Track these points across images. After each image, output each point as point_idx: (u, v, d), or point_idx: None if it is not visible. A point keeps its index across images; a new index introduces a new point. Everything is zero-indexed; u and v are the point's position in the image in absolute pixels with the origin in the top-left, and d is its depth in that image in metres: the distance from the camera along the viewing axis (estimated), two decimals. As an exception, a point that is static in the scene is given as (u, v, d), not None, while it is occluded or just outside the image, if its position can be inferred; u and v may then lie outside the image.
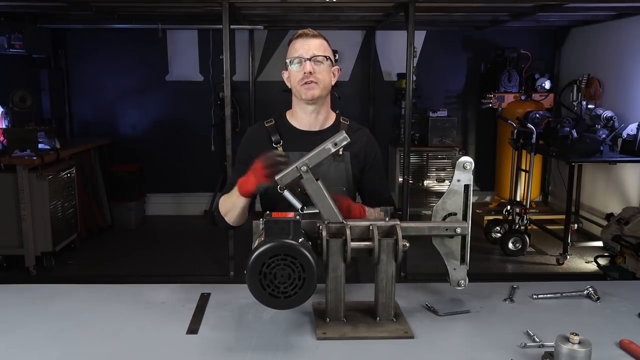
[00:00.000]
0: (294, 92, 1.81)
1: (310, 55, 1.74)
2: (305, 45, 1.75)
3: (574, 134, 4.44)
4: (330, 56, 1.79)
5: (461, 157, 1.46)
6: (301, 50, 1.75)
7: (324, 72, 1.77)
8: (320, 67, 1.75)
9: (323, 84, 1.77)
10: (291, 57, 1.77)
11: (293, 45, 1.78)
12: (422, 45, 6.10)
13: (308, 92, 1.75)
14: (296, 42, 1.77)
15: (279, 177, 1.45)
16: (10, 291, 1.69)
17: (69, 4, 4.45)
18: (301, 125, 1.84)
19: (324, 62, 1.76)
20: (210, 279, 4.13)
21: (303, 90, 1.76)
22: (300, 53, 1.75)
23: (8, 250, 4.36)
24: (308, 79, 1.74)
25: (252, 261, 1.26)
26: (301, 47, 1.75)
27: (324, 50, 1.77)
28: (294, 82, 1.77)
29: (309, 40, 1.76)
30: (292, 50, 1.78)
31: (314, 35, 1.78)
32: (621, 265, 3.90)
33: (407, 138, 4.21)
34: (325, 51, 1.77)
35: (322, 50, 1.76)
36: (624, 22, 5.03)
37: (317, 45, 1.76)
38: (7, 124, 4.59)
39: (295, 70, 1.76)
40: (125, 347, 1.32)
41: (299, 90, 1.77)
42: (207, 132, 6.11)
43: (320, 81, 1.75)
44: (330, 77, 1.80)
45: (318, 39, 1.78)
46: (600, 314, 1.52)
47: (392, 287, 1.43)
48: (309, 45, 1.75)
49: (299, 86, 1.76)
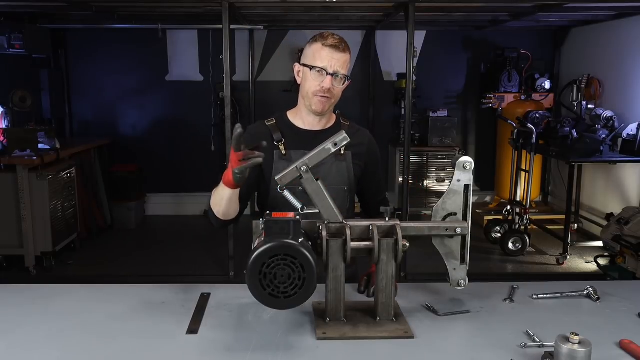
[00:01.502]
0: (303, 94, 1.79)
1: (334, 71, 1.71)
2: (332, 59, 1.71)
3: (574, 134, 4.44)
4: (349, 75, 1.77)
5: (461, 157, 1.47)
6: (327, 62, 1.71)
7: (340, 90, 1.76)
8: (338, 84, 1.75)
9: (335, 99, 1.78)
10: (314, 65, 1.72)
11: (320, 50, 1.72)
12: (422, 45, 6.11)
13: (319, 105, 1.75)
14: (324, 50, 1.72)
15: (279, 177, 1.45)
16: (10, 291, 1.69)
17: (69, 4, 4.45)
18: (304, 125, 1.84)
19: (342, 81, 1.74)
20: (210, 279, 4.12)
21: (315, 102, 1.75)
22: (325, 64, 1.71)
23: (8, 250, 4.35)
24: (324, 94, 1.73)
25: (252, 261, 1.26)
26: (328, 59, 1.71)
27: (347, 69, 1.75)
28: (308, 88, 1.75)
29: (338, 54, 1.72)
30: (317, 55, 1.73)
31: (343, 49, 1.73)
32: (621, 265, 3.90)
33: (407, 138, 4.21)
34: (348, 68, 1.75)
35: (345, 68, 1.74)
36: (624, 22, 5.03)
37: (343, 62, 1.73)
38: (7, 124, 4.59)
39: (314, 79, 1.73)
40: (125, 347, 1.32)
41: (311, 99, 1.76)
42: (207, 132, 6.11)
43: (334, 97, 1.76)
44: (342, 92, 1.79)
45: (346, 54, 1.74)
46: (600, 314, 1.52)
47: (392, 287, 1.43)
48: (336, 60, 1.71)
49: (312, 95, 1.75)
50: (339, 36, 1.77)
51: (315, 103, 1.75)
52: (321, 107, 1.76)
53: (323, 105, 1.75)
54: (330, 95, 1.74)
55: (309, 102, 1.77)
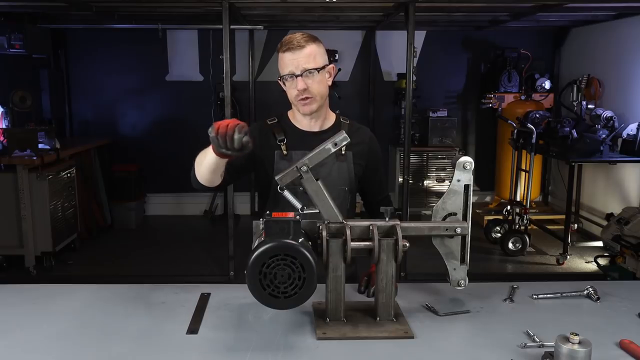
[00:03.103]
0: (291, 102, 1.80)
1: (301, 70, 1.68)
2: (294, 60, 1.68)
3: (574, 134, 4.44)
4: (323, 63, 1.72)
5: (461, 157, 1.47)
6: (291, 65, 1.69)
7: (318, 83, 1.72)
8: (314, 79, 1.70)
9: (319, 95, 1.74)
10: (282, 73, 1.72)
11: (282, 58, 1.71)
12: (422, 45, 6.10)
13: (305, 107, 1.75)
14: (285, 56, 1.70)
15: (279, 177, 1.45)
16: (10, 291, 1.69)
17: (69, 4, 4.44)
18: (303, 126, 1.84)
19: (315, 74, 1.70)
20: (210, 279, 4.14)
21: (300, 106, 1.75)
22: (290, 69, 1.69)
23: (8, 250, 4.35)
24: (303, 96, 1.71)
25: (252, 261, 1.26)
26: (290, 62, 1.69)
27: (314, 60, 1.69)
28: (290, 97, 1.76)
29: (297, 52, 1.68)
30: (282, 64, 1.72)
31: (300, 45, 1.68)
32: (621, 265, 3.90)
33: (407, 138, 4.21)
34: (315, 60, 1.69)
35: (312, 60, 1.69)
36: (624, 22, 5.03)
37: (306, 57, 1.68)
38: (7, 124, 4.58)
39: (289, 86, 1.73)
40: (125, 347, 1.32)
41: (296, 105, 1.76)
42: (207, 132, 6.09)
43: (315, 94, 1.72)
44: (326, 84, 1.76)
45: (307, 47, 1.68)
46: (600, 314, 1.52)
47: (392, 287, 1.43)
48: (298, 59, 1.68)
49: (295, 101, 1.75)
50: (301, 33, 1.73)
51: (301, 107, 1.75)
52: (308, 109, 1.75)
53: (308, 106, 1.74)
54: (310, 94, 1.72)
55: (297, 108, 1.78)
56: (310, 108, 1.75)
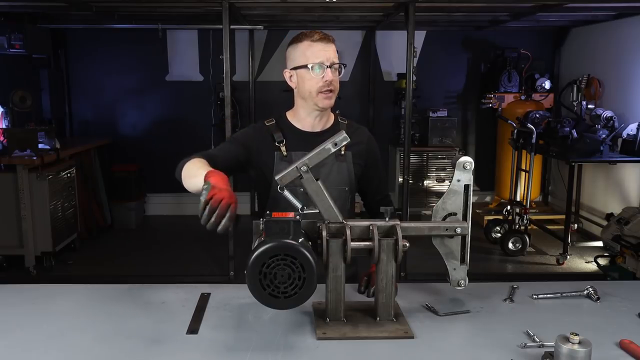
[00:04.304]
0: (304, 96, 1.76)
1: (331, 62, 1.71)
2: (326, 52, 1.70)
3: (574, 134, 4.44)
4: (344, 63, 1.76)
5: (461, 157, 1.47)
6: (322, 56, 1.70)
7: (338, 80, 1.75)
8: (337, 76, 1.74)
9: (337, 91, 1.77)
10: (312, 62, 1.70)
11: (312, 47, 1.71)
12: (422, 45, 6.10)
13: (326, 101, 1.74)
14: (316, 45, 1.70)
15: (279, 177, 1.45)
16: (10, 291, 1.69)
17: (69, 4, 4.45)
18: (303, 127, 1.83)
19: (341, 70, 1.74)
20: (210, 279, 4.13)
21: (320, 99, 1.73)
22: (321, 59, 1.70)
23: (8, 250, 4.35)
24: (329, 87, 1.72)
25: (252, 261, 1.26)
26: (322, 53, 1.70)
27: (339, 58, 1.74)
28: (311, 87, 1.72)
29: (329, 45, 1.71)
30: (309, 53, 1.71)
31: (332, 40, 1.73)
32: (621, 265, 3.90)
33: (407, 138, 4.21)
34: (340, 58, 1.75)
35: (338, 57, 1.74)
36: (624, 22, 5.03)
37: (334, 52, 1.73)
38: (7, 124, 4.58)
39: (314, 76, 1.71)
40: (125, 347, 1.32)
41: (316, 98, 1.73)
42: (207, 132, 6.11)
43: (336, 90, 1.75)
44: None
45: (334, 44, 1.74)
46: (600, 314, 1.52)
47: (392, 287, 1.43)
48: (329, 52, 1.71)
49: (316, 93, 1.72)
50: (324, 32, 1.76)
51: (321, 100, 1.74)
52: (328, 103, 1.75)
53: (329, 100, 1.75)
54: (334, 88, 1.73)
55: (314, 102, 1.75)
56: (330, 102, 1.75)
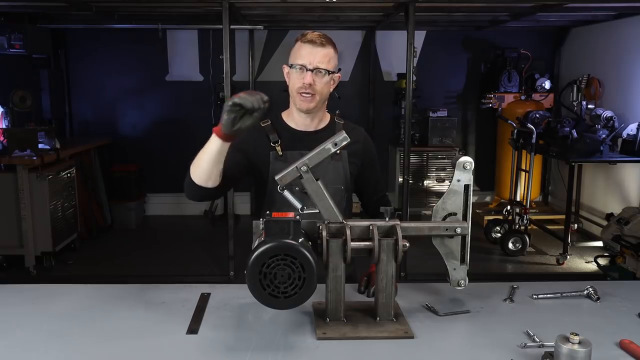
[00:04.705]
0: (290, 94, 1.80)
1: (314, 66, 1.71)
2: (311, 55, 1.72)
3: (574, 134, 4.44)
4: (333, 68, 1.75)
5: (461, 157, 1.47)
6: (306, 58, 1.72)
7: (323, 84, 1.74)
8: (321, 79, 1.73)
9: (320, 96, 1.76)
10: (294, 62, 1.74)
11: (300, 48, 1.74)
12: (422, 45, 6.10)
13: (303, 103, 1.75)
14: (303, 47, 1.73)
15: (279, 177, 1.45)
16: (10, 291, 1.69)
17: (69, 4, 4.45)
18: (297, 126, 1.84)
19: (325, 75, 1.73)
20: (210, 279, 4.13)
21: (298, 100, 1.76)
22: (304, 61, 1.72)
23: (8, 250, 4.35)
24: (306, 90, 1.73)
25: (252, 261, 1.26)
26: (307, 55, 1.72)
27: (327, 63, 1.73)
28: (292, 86, 1.77)
29: (316, 49, 1.72)
30: (297, 53, 1.75)
31: (322, 44, 1.73)
32: (621, 265, 3.90)
33: (407, 138, 4.20)
34: (329, 63, 1.73)
35: (326, 62, 1.73)
36: (624, 22, 5.03)
37: (322, 56, 1.72)
38: (7, 124, 4.58)
39: (295, 76, 1.74)
40: (125, 347, 1.32)
41: (295, 97, 1.77)
42: (207, 132, 5.99)
43: (317, 92, 1.74)
44: (329, 87, 1.78)
45: (326, 48, 1.73)
46: (600, 314, 1.52)
47: (392, 287, 1.43)
48: (315, 56, 1.71)
49: (295, 93, 1.76)
50: (321, 33, 1.77)
51: (299, 101, 1.76)
52: (305, 105, 1.76)
53: (307, 102, 1.75)
54: (313, 91, 1.73)
55: (294, 101, 1.78)
56: (308, 105, 1.76)
